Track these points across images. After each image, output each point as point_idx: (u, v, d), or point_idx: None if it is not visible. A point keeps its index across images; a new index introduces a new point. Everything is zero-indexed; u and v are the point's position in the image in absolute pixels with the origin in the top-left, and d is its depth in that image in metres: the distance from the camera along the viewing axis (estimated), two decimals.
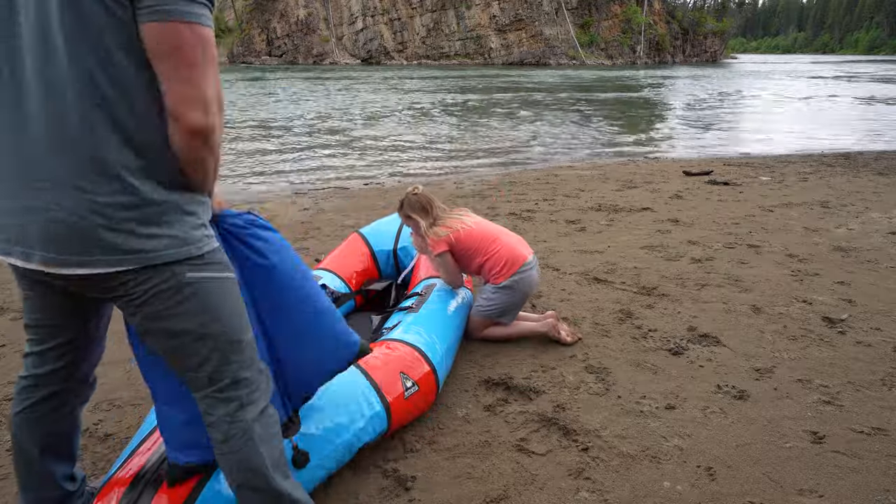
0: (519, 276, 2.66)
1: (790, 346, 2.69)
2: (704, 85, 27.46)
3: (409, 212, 2.76)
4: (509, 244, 2.72)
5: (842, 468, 1.88)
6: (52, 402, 1.44)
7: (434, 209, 2.75)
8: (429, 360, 2.14)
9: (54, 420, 1.46)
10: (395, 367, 2.04)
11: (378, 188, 6.73)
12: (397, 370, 2.03)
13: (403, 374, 2.03)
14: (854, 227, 4.67)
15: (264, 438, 1.36)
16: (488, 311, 2.68)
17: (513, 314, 2.73)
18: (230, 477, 1.36)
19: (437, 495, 1.77)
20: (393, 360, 2.07)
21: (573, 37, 56.39)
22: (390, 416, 1.93)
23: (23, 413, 1.43)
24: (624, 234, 4.52)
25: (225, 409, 1.32)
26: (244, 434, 1.32)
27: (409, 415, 2.04)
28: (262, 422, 1.37)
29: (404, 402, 1.99)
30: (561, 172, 7.50)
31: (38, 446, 1.44)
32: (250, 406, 1.34)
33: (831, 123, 13.16)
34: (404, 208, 2.78)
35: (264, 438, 1.36)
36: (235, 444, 1.32)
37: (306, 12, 56.95)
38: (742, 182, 6.60)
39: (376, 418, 1.88)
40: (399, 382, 2.00)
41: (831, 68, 49.86)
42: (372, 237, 3.27)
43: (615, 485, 1.81)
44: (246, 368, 1.33)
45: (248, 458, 1.33)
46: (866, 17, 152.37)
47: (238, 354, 1.31)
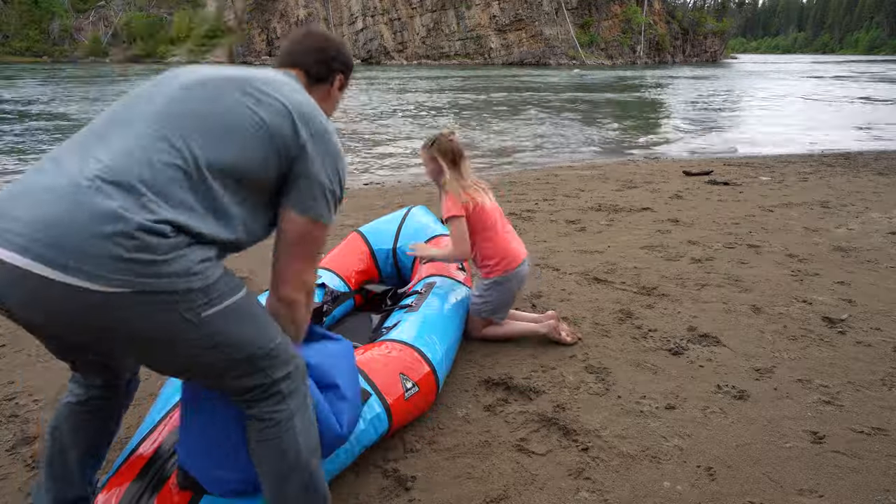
0: (511, 273, 2.65)
1: (790, 346, 2.69)
2: (704, 85, 27.46)
3: (438, 154, 2.57)
4: (509, 240, 2.70)
5: (842, 468, 1.88)
6: (99, 403, 1.49)
7: (462, 164, 2.61)
8: (428, 361, 2.14)
9: (100, 418, 1.50)
10: (395, 367, 2.04)
11: (378, 188, 6.72)
12: (397, 371, 2.03)
13: (403, 374, 2.03)
14: (854, 227, 4.67)
15: (304, 427, 1.37)
16: (482, 309, 2.67)
17: (505, 311, 2.72)
18: (264, 465, 1.35)
19: (437, 495, 1.77)
20: (393, 360, 2.07)
21: (573, 37, 56.35)
22: (391, 417, 1.93)
23: (74, 406, 1.47)
24: (624, 234, 4.52)
25: (266, 404, 1.33)
26: (286, 423, 1.33)
27: (409, 415, 2.03)
28: (305, 411, 1.39)
29: (404, 403, 1.99)
30: (561, 172, 7.50)
31: (79, 443, 1.48)
32: (291, 396, 1.35)
33: (832, 123, 13.16)
34: (432, 148, 2.58)
35: (304, 427, 1.37)
36: (276, 432, 1.33)
37: (306, 12, 56.95)
38: (742, 182, 6.59)
39: (377, 420, 1.88)
40: (399, 383, 1.99)
41: (831, 68, 49.84)
42: (371, 236, 3.27)
43: (615, 485, 1.81)
44: (282, 366, 1.33)
45: (287, 447, 1.34)
46: (866, 17, 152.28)
47: (270, 359, 1.31)
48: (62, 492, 1.48)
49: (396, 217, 3.37)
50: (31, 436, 2.03)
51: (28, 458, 1.92)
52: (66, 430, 1.46)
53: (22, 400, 2.26)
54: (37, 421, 2.13)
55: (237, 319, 1.22)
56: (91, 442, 1.50)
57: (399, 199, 5.77)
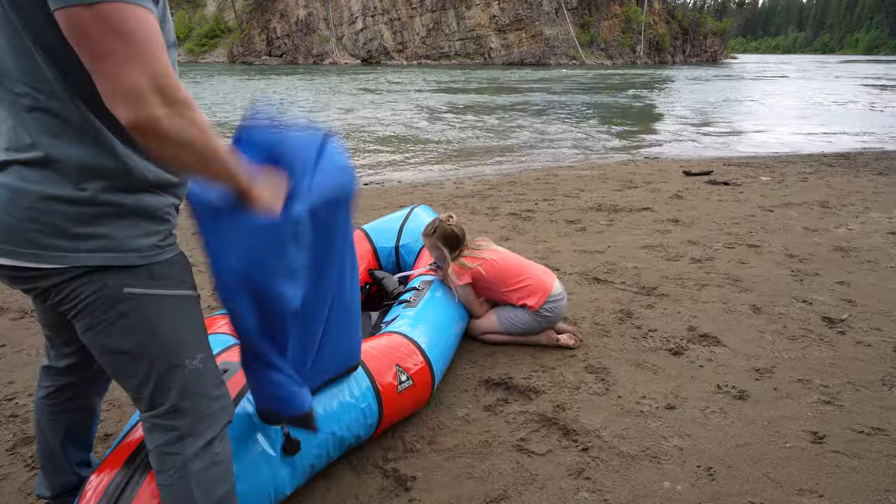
0: (553, 305, 2.64)
1: (790, 346, 2.69)
2: (704, 85, 27.46)
3: (440, 242, 2.65)
4: (537, 275, 2.69)
5: (842, 468, 1.88)
6: (69, 392, 1.48)
7: (464, 241, 2.68)
8: (425, 356, 2.14)
9: (73, 409, 1.51)
10: (392, 358, 2.03)
11: (377, 188, 6.73)
12: (394, 362, 2.03)
13: (399, 366, 2.03)
14: (854, 227, 4.67)
15: (203, 478, 1.22)
16: (512, 327, 2.67)
17: (530, 334, 2.72)
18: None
19: (436, 495, 1.77)
20: (390, 350, 2.06)
21: (573, 37, 56.39)
22: (381, 408, 1.92)
23: (44, 400, 1.49)
24: (624, 234, 4.52)
25: (162, 437, 1.21)
26: (178, 469, 1.20)
27: (401, 410, 2.03)
28: (204, 458, 1.23)
29: (397, 396, 1.98)
30: (561, 172, 7.50)
31: (58, 433, 1.50)
32: (190, 439, 1.21)
33: (832, 123, 13.16)
34: (434, 236, 2.67)
35: (203, 478, 1.22)
36: (168, 479, 1.21)
37: (306, 12, 56.95)
38: (742, 182, 6.59)
39: (368, 410, 1.88)
40: (394, 375, 1.99)
41: (832, 68, 49.86)
42: (375, 234, 3.28)
43: (615, 485, 1.81)
44: (188, 396, 1.20)
45: (179, 497, 1.21)
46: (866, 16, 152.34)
47: (178, 380, 1.18)
48: (56, 479, 1.54)
49: (400, 216, 3.39)
50: (30, 436, 2.03)
51: (28, 458, 1.92)
52: (45, 423, 1.50)
53: (22, 400, 2.26)
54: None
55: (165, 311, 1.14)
56: (70, 430, 1.52)
57: (399, 200, 5.77)
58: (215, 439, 1.25)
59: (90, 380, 1.49)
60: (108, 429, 2.10)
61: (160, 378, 1.17)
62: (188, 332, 1.20)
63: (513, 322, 2.66)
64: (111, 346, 1.14)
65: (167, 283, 1.15)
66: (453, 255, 2.66)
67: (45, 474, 1.54)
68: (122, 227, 1.08)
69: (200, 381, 1.22)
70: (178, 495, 1.21)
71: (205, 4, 62.98)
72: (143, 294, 1.11)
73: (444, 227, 2.66)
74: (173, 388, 1.18)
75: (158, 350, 1.15)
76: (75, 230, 1.05)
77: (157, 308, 1.14)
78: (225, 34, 60.30)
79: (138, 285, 1.10)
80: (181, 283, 1.18)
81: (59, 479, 1.54)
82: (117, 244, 1.08)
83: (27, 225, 1.03)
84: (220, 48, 59.56)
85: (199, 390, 1.22)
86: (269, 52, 57.14)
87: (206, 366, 1.23)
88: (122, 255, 1.08)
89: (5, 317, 3.03)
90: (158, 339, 1.15)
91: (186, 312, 1.20)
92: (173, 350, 1.17)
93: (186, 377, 1.19)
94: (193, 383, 1.20)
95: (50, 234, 1.04)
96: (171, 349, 1.17)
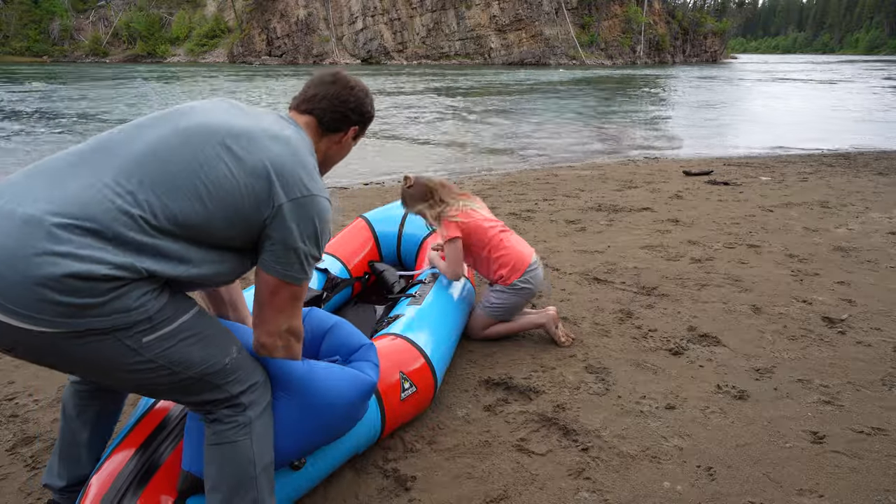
0: (529, 276, 2.65)
1: (790, 346, 2.69)
2: (704, 84, 27.46)
3: (411, 205, 2.69)
4: (515, 245, 2.70)
5: (842, 468, 1.88)
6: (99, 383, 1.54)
7: (436, 194, 2.65)
8: (429, 361, 2.12)
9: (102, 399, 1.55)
10: (396, 365, 2.01)
11: (377, 188, 6.73)
12: (397, 369, 2.00)
13: (403, 374, 2.01)
14: (854, 227, 4.67)
15: (262, 439, 1.37)
16: (496, 311, 2.68)
17: (517, 313, 2.74)
18: (215, 476, 1.33)
19: (436, 495, 1.77)
20: (394, 357, 2.04)
21: (573, 37, 56.35)
22: (384, 415, 1.91)
23: (75, 385, 1.54)
24: (624, 234, 4.52)
25: (227, 412, 1.34)
26: (244, 427, 1.34)
27: (403, 417, 2.02)
28: (266, 419, 1.39)
29: (400, 404, 1.97)
30: (561, 172, 7.50)
31: (84, 422, 1.54)
32: (252, 406, 1.36)
33: (832, 123, 13.15)
34: (406, 204, 2.72)
35: (262, 439, 1.37)
36: (232, 434, 1.33)
37: (306, 12, 56.93)
38: (742, 182, 6.59)
39: (372, 416, 1.86)
40: (398, 383, 1.97)
41: (833, 67, 49.83)
42: (377, 222, 3.25)
43: (615, 485, 1.81)
44: (240, 381, 1.34)
45: (241, 452, 1.33)
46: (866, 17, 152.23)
47: (226, 375, 1.32)
48: (72, 469, 1.55)
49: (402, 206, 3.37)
50: (31, 436, 2.03)
51: (28, 458, 1.92)
52: (71, 409, 1.53)
53: (22, 400, 2.26)
54: (36, 421, 2.13)
55: (182, 341, 1.22)
56: (96, 420, 1.55)
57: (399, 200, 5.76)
58: (269, 404, 1.41)
59: None
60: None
61: (212, 385, 1.30)
62: (213, 341, 1.30)
63: (496, 305, 2.67)
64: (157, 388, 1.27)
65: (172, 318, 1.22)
66: (434, 211, 2.62)
67: (62, 462, 1.55)
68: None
69: (244, 365, 1.36)
70: (238, 452, 1.33)
71: (205, 4, 62.92)
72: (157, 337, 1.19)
73: (406, 192, 2.67)
74: (225, 384, 1.32)
75: (200, 371, 1.27)
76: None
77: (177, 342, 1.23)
78: (225, 34, 60.25)
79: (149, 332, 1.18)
80: (181, 309, 1.25)
81: (75, 470, 1.55)
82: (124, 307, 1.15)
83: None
84: (220, 48, 59.52)
85: (245, 372, 1.36)
86: (269, 52, 57.11)
87: (242, 352, 1.37)
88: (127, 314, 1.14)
89: None
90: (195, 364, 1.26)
91: (200, 326, 1.28)
92: (211, 361, 1.29)
93: (231, 370, 1.32)
94: (242, 369, 1.35)
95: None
96: (209, 362, 1.28)
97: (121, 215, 1.13)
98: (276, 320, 1.34)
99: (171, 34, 61.12)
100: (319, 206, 1.31)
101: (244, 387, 1.34)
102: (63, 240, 1.07)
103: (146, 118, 1.32)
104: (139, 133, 1.25)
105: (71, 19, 59.96)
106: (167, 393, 1.30)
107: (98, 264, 1.08)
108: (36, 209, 1.08)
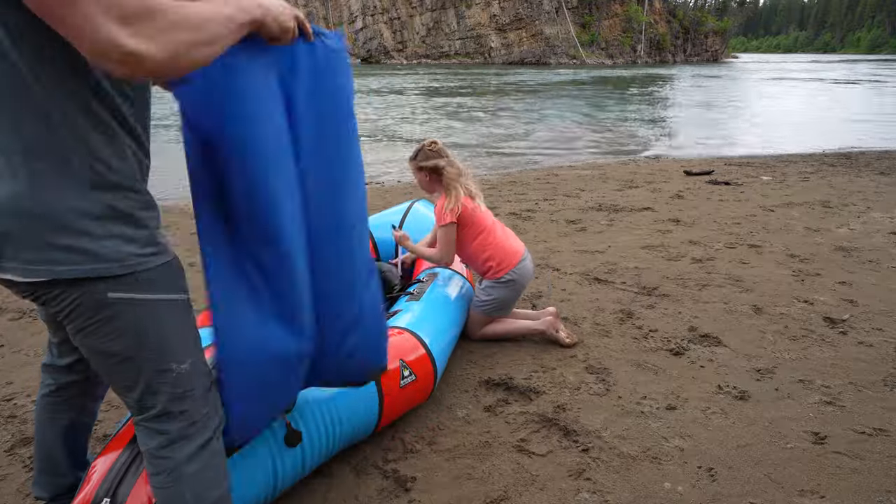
0: (517, 270, 2.66)
1: (791, 347, 2.68)
2: (705, 84, 27.44)
3: (430, 157, 2.62)
4: (505, 239, 2.72)
5: (843, 469, 1.87)
6: (71, 390, 1.48)
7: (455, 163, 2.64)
8: (429, 351, 2.13)
9: (73, 408, 1.50)
10: (396, 353, 2.02)
11: (377, 188, 6.72)
12: (397, 357, 2.02)
13: (403, 361, 2.02)
14: (856, 227, 4.66)
15: (196, 482, 1.22)
16: (487, 307, 2.68)
17: (509, 308, 2.73)
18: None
19: (437, 496, 1.77)
20: (395, 345, 2.05)
21: (573, 36, 56.37)
22: (382, 400, 1.91)
23: (46, 398, 1.50)
24: (624, 234, 4.51)
25: (154, 440, 1.20)
26: (171, 473, 1.20)
27: (402, 405, 2.03)
28: (197, 462, 1.21)
29: (399, 392, 1.98)
30: (561, 172, 7.50)
31: (57, 432, 1.50)
32: (182, 442, 1.20)
33: (831, 122, 13.14)
34: (418, 159, 2.65)
35: (196, 482, 1.22)
36: (161, 481, 1.20)
37: (305, 11, 56.86)
38: (743, 182, 6.59)
39: (369, 403, 1.87)
40: (398, 370, 1.99)
41: (833, 67, 49.80)
42: (374, 228, 3.27)
43: (616, 485, 1.81)
44: (178, 400, 1.19)
45: (171, 501, 1.21)
46: (867, 16, 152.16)
47: (168, 385, 1.17)
48: (54, 481, 1.53)
49: (400, 209, 3.40)
50: (29, 437, 2.03)
51: (27, 458, 1.92)
52: (44, 422, 1.50)
53: (20, 400, 2.26)
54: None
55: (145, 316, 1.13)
56: (69, 430, 1.52)
57: (399, 199, 5.75)
58: (209, 441, 1.24)
59: (92, 379, 1.49)
60: (107, 429, 2.09)
61: (148, 382, 1.16)
62: (176, 337, 1.18)
63: (486, 302, 2.67)
64: (99, 349, 1.14)
65: (153, 288, 1.13)
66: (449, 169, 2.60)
67: (42, 476, 1.54)
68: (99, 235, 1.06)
69: (190, 385, 1.20)
70: (170, 499, 1.20)
71: None
72: (129, 298, 1.10)
73: (426, 149, 2.64)
74: (162, 392, 1.17)
75: (146, 355, 1.14)
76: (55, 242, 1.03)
77: (143, 313, 1.12)
78: None
79: (122, 290, 1.09)
80: (169, 288, 1.16)
81: (56, 481, 1.53)
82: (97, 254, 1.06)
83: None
84: None
85: (189, 394, 1.20)
86: None
87: (196, 369, 1.21)
88: (106, 265, 1.06)
89: (4, 317, 3.03)
90: (145, 344, 1.14)
91: (174, 317, 1.18)
92: (161, 354, 1.16)
93: (175, 381, 1.18)
94: (183, 387, 1.19)
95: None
96: (159, 354, 1.16)
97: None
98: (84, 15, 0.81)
99: None
100: None
101: (180, 409, 1.19)
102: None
103: None
104: None
105: None
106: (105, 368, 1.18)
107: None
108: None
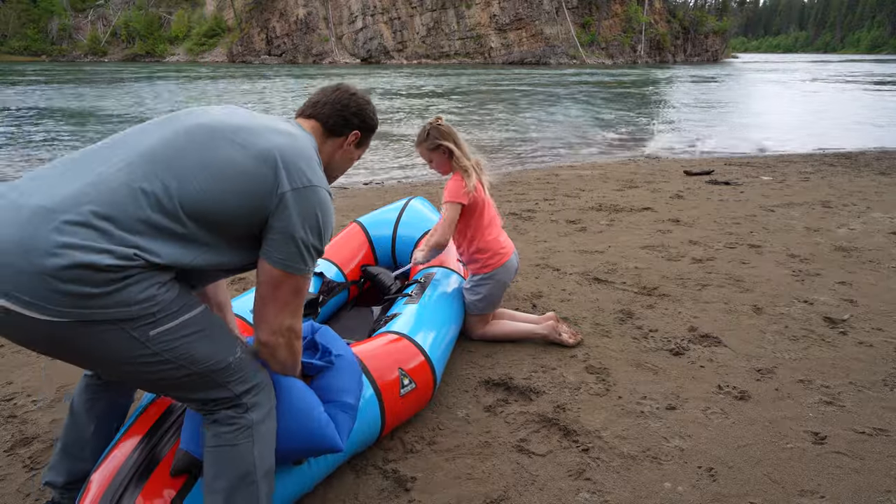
0: (506, 266, 2.66)
1: (791, 347, 2.68)
2: (705, 84, 27.44)
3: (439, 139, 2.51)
4: (499, 234, 2.72)
5: (843, 469, 1.87)
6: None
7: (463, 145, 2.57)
8: (427, 358, 2.12)
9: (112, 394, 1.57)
10: (394, 362, 2.02)
11: (377, 188, 6.72)
12: (396, 366, 2.01)
13: (402, 370, 2.02)
14: (856, 227, 4.66)
15: (264, 442, 1.37)
16: (479, 304, 2.67)
17: (498, 304, 2.73)
18: (212, 478, 1.34)
19: (437, 496, 1.77)
20: (393, 354, 2.05)
21: (574, 36, 56.34)
22: (384, 414, 1.91)
23: (87, 379, 1.56)
24: (625, 234, 4.51)
25: (228, 412, 1.35)
26: (246, 430, 1.34)
27: (403, 414, 2.02)
28: (269, 423, 1.39)
29: (400, 401, 1.97)
30: (561, 172, 7.49)
31: (91, 417, 1.55)
32: (255, 409, 1.36)
33: (831, 122, 13.14)
34: (429, 139, 2.52)
35: (264, 442, 1.37)
36: (233, 438, 1.33)
37: (306, 11, 56.93)
38: (743, 182, 6.58)
39: (372, 418, 1.86)
40: (397, 380, 1.98)
41: (834, 66, 49.79)
42: (371, 226, 3.26)
43: (616, 486, 1.81)
44: (244, 381, 1.35)
45: (242, 456, 1.33)
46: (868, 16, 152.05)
47: (232, 374, 1.33)
48: (75, 466, 1.55)
49: (396, 207, 3.38)
50: (29, 437, 2.03)
51: (27, 458, 1.92)
52: (80, 406, 1.54)
53: (20, 401, 2.26)
54: (35, 422, 2.12)
55: (188, 336, 1.24)
56: (103, 416, 1.56)
57: (399, 199, 5.76)
58: (272, 408, 1.41)
59: None
60: None
61: (217, 384, 1.31)
62: (219, 339, 1.31)
63: (475, 301, 2.66)
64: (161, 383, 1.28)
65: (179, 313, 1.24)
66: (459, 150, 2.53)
67: (65, 459, 1.56)
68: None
69: (249, 366, 1.37)
70: (239, 455, 1.33)
71: (204, 3, 62.91)
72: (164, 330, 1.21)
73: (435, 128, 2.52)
74: (229, 383, 1.33)
75: (205, 367, 1.28)
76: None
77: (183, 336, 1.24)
78: (224, 33, 60.25)
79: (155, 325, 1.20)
80: (188, 305, 1.26)
81: (78, 466, 1.55)
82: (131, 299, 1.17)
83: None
84: (219, 47, 59.52)
85: (249, 372, 1.36)
86: (269, 51, 57.13)
87: (247, 353, 1.39)
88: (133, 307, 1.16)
89: None
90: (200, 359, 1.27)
91: (205, 323, 1.29)
92: (221, 355, 1.30)
93: (238, 369, 1.34)
94: (244, 369, 1.35)
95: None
96: (218, 356, 1.30)
97: (135, 191, 1.17)
98: (279, 317, 1.35)
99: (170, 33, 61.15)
100: (320, 196, 1.35)
101: (247, 386, 1.35)
102: (69, 231, 1.10)
103: (149, 123, 1.36)
104: (144, 133, 1.31)
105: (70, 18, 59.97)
106: (171, 389, 1.31)
107: (102, 254, 1.11)
108: (45, 201, 1.13)
